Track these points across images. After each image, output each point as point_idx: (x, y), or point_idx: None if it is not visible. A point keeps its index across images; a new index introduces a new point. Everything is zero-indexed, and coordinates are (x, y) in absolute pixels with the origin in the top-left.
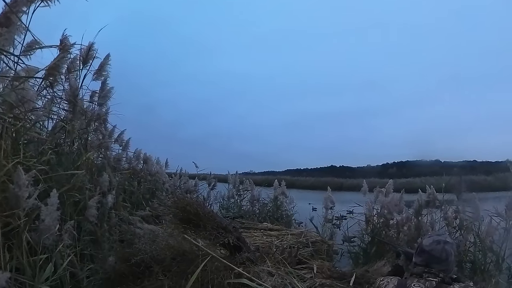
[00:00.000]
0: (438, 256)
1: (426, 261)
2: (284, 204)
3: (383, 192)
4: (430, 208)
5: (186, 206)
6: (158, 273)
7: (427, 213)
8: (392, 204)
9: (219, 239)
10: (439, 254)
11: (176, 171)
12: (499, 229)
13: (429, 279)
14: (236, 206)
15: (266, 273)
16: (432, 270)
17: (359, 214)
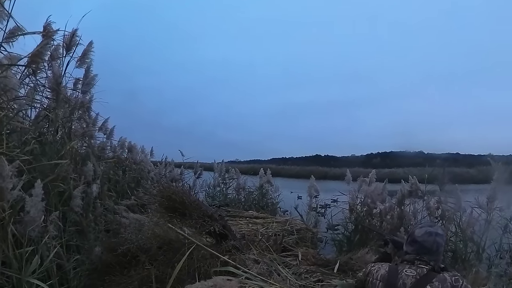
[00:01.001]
0: (429, 247)
1: (417, 251)
2: (270, 193)
3: (367, 182)
4: (412, 198)
5: (172, 194)
6: (144, 262)
7: (410, 203)
8: (375, 193)
9: (205, 227)
10: (430, 245)
11: (162, 160)
12: (480, 220)
13: (421, 266)
14: (222, 195)
15: (252, 260)
16: (423, 258)
17: (343, 203)
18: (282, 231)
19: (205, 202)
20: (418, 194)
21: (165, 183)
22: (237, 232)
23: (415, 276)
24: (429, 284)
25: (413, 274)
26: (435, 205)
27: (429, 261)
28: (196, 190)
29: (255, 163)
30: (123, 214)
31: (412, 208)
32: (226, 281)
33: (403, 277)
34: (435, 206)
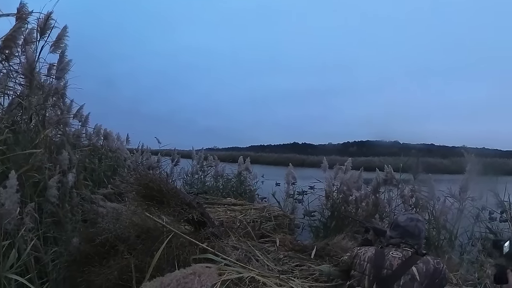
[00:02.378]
0: (412, 231)
1: (401, 235)
2: (248, 180)
3: (343, 169)
4: (387, 186)
5: (149, 182)
6: (123, 252)
7: (385, 191)
8: (351, 181)
9: (183, 215)
10: (412, 229)
11: (138, 147)
12: (452, 209)
13: (406, 249)
14: (200, 182)
15: (231, 247)
16: (408, 241)
17: (319, 190)
18: (260, 218)
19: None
20: (393, 183)
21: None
22: (215, 219)
23: (401, 258)
24: (414, 265)
25: (399, 256)
26: (409, 194)
27: (413, 244)
28: (174, 177)
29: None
30: (100, 203)
31: (386, 196)
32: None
33: (390, 258)
34: (409, 194)
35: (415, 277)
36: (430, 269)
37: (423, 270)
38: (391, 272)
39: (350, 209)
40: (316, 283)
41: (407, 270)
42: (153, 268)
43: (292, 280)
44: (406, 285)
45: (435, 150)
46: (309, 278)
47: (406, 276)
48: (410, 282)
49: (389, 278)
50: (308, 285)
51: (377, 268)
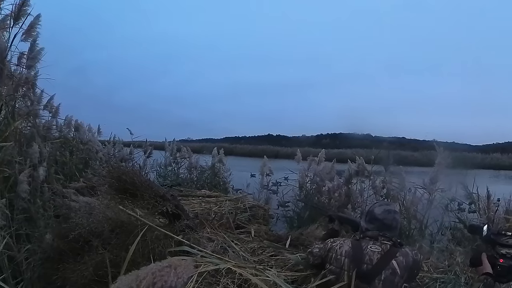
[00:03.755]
0: (389, 224)
1: (378, 228)
2: (222, 171)
3: (316, 161)
4: (359, 177)
5: (122, 175)
6: (97, 247)
7: (357, 182)
8: (324, 172)
9: (157, 208)
10: (390, 222)
11: (110, 139)
12: (422, 200)
13: (384, 242)
14: (173, 174)
15: (206, 239)
16: (386, 234)
17: (293, 181)
18: (235, 209)
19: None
20: (364, 174)
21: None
22: (190, 211)
23: (380, 252)
24: (394, 259)
25: (378, 250)
26: (381, 185)
27: (391, 237)
28: (147, 170)
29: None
30: (72, 197)
31: (358, 187)
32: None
33: (369, 252)
34: (381, 185)
35: (396, 270)
36: (410, 262)
37: (403, 263)
38: (371, 267)
39: (323, 200)
40: (292, 273)
41: (388, 264)
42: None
43: (268, 269)
44: (387, 279)
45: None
46: (285, 268)
47: (387, 270)
48: (391, 276)
49: (370, 273)
50: (283, 274)
51: (357, 263)
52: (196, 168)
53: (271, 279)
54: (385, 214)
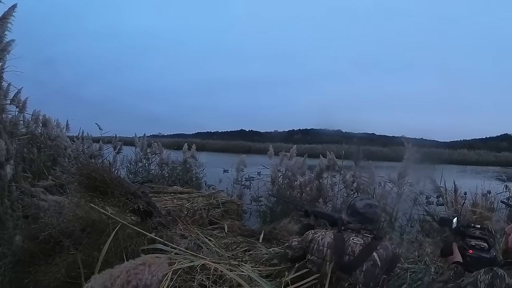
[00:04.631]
0: (371, 217)
1: (360, 221)
2: (194, 167)
3: (288, 156)
4: (330, 172)
5: (91, 172)
6: (69, 248)
7: (328, 176)
8: (295, 167)
9: (128, 205)
10: (371, 216)
11: (78, 134)
12: (392, 193)
13: (366, 235)
14: (144, 171)
15: (179, 236)
16: (368, 227)
17: (266, 176)
18: (207, 205)
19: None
20: (335, 169)
21: (83, 160)
22: (162, 208)
23: (362, 244)
24: (375, 251)
25: (360, 242)
26: (351, 179)
27: (373, 230)
28: (117, 166)
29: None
30: (41, 196)
31: (329, 181)
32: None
33: (351, 244)
34: (351, 180)
35: (377, 262)
36: (390, 254)
37: (384, 256)
38: (353, 259)
39: (295, 194)
40: (266, 267)
41: (369, 256)
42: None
43: (243, 264)
44: (368, 270)
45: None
46: (259, 262)
47: (368, 262)
48: (372, 268)
49: (352, 264)
50: (258, 269)
51: (339, 254)
52: (168, 164)
53: (245, 274)
54: (367, 208)
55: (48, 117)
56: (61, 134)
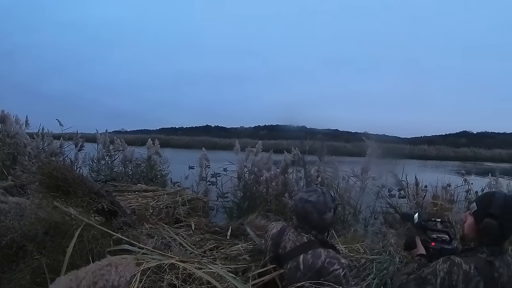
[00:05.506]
0: (299, 213)
1: (295, 217)
2: (158, 164)
3: (254, 152)
4: (295, 167)
5: (53, 171)
6: (32, 252)
7: (293, 171)
8: (261, 162)
9: (92, 205)
10: (299, 211)
11: (39, 131)
12: (355, 187)
13: (302, 234)
14: (107, 168)
15: (146, 235)
16: (305, 226)
17: (232, 172)
18: (173, 203)
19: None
20: (300, 164)
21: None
22: (127, 207)
23: (295, 242)
24: (302, 254)
25: (293, 240)
26: (316, 174)
27: (310, 230)
28: (79, 164)
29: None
30: (1, 198)
31: (295, 176)
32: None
33: (286, 240)
34: (316, 174)
35: (299, 266)
36: (317, 265)
37: (309, 263)
38: (284, 254)
39: (261, 189)
40: (235, 263)
41: (295, 256)
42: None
43: (211, 262)
44: (290, 271)
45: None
46: (228, 259)
47: (293, 262)
48: (294, 270)
49: (282, 259)
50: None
51: (275, 247)
52: (131, 161)
53: (215, 271)
54: (297, 203)
55: (6, 112)
56: (21, 131)
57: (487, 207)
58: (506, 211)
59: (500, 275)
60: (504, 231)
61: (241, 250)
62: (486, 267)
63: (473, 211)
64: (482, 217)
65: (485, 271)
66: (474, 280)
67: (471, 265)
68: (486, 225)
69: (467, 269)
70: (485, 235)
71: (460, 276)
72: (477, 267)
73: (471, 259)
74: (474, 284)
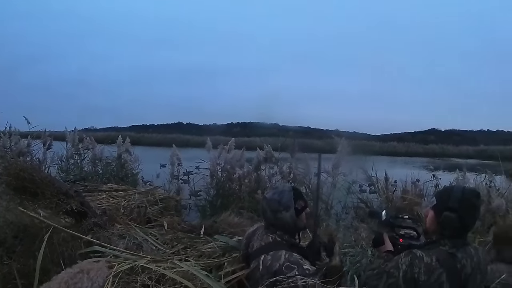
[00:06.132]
0: (259, 210)
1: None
2: (129, 162)
3: (226, 149)
4: (268, 164)
5: (20, 172)
6: (2, 257)
7: (265, 168)
8: (234, 160)
9: (61, 206)
10: (259, 208)
11: (5, 129)
12: (327, 183)
13: (268, 234)
14: (76, 168)
15: (117, 236)
16: (270, 227)
17: (204, 170)
18: (145, 202)
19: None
20: (272, 161)
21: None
22: (97, 208)
23: (261, 242)
24: (264, 255)
25: (260, 239)
26: (288, 170)
27: (276, 230)
28: (47, 164)
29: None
30: None
31: (267, 173)
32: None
33: (255, 239)
34: (288, 171)
35: (259, 267)
36: (274, 267)
37: (267, 264)
38: (251, 252)
39: (234, 186)
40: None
41: (258, 256)
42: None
43: (186, 260)
44: (252, 271)
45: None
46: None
47: (255, 262)
48: (255, 270)
49: (250, 257)
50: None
51: (246, 245)
52: (101, 160)
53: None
54: (261, 201)
55: None
56: None
57: (446, 200)
58: (464, 204)
59: (463, 266)
60: (464, 223)
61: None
62: (448, 259)
63: (433, 205)
64: (442, 210)
65: (447, 263)
66: (436, 272)
67: (433, 258)
68: (445, 218)
69: (429, 262)
70: (445, 228)
71: (422, 268)
72: (439, 259)
73: (432, 251)
74: (436, 276)
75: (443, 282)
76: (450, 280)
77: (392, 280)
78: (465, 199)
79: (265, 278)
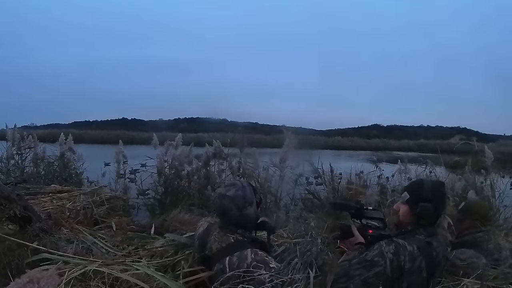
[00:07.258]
0: (218, 209)
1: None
2: (73, 162)
3: (174, 145)
4: (217, 159)
5: None
6: None
7: (215, 164)
8: (182, 156)
9: (3, 212)
10: (218, 207)
11: None
12: (275, 177)
13: (228, 234)
14: (17, 169)
15: (64, 241)
16: (229, 226)
17: (151, 167)
18: (91, 204)
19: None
20: (222, 156)
21: None
22: (41, 211)
23: (221, 243)
24: (228, 256)
25: (218, 241)
26: (237, 165)
27: (236, 229)
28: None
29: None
30: None
31: (217, 169)
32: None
33: (212, 240)
34: (237, 166)
35: (225, 269)
36: (241, 268)
37: (234, 266)
38: (211, 255)
39: (183, 184)
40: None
41: (222, 259)
42: None
43: (138, 261)
44: (217, 273)
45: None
46: (154, 256)
47: (219, 264)
48: (221, 273)
49: (210, 260)
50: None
51: (201, 248)
52: (43, 160)
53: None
54: (216, 199)
55: None
56: None
57: (419, 193)
58: (435, 193)
59: (437, 254)
60: (436, 211)
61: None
62: (426, 247)
63: (406, 200)
64: (417, 202)
65: (426, 251)
66: (418, 259)
67: (414, 246)
68: (422, 209)
69: (412, 250)
70: (422, 218)
71: (407, 256)
72: (419, 248)
73: (411, 240)
74: (418, 263)
75: (423, 269)
76: (428, 267)
77: (379, 268)
78: (436, 189)
79: (233, 279)
